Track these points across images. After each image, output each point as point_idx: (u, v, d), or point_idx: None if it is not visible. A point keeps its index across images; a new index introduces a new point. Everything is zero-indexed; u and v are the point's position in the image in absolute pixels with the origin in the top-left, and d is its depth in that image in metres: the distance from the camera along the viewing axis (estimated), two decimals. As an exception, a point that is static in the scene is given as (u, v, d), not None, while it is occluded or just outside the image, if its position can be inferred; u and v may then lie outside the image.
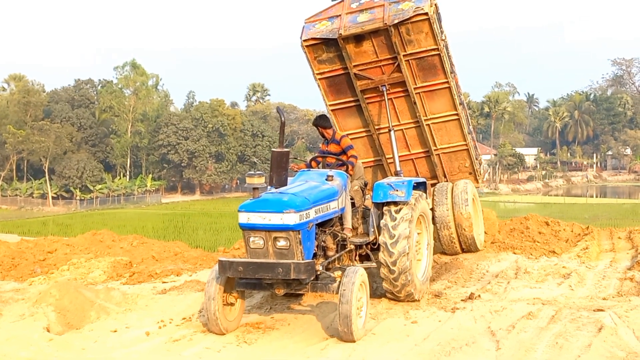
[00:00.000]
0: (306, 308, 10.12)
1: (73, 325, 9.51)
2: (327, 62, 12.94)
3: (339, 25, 12.45)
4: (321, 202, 9.08)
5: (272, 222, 8.32)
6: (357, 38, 12.50)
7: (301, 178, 9.87)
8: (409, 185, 10.13)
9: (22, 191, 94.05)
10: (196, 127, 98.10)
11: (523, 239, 15.07)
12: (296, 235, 8.39)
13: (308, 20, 12.92)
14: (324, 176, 9.79)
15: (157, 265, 13.99)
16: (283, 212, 8.30)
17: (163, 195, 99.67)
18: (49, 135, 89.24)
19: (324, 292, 8.86)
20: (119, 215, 69.77)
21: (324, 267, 8.98)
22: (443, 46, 12.58)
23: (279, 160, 8.83)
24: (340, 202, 9.71)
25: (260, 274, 8.39)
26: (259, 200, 8.48)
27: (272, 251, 8.47)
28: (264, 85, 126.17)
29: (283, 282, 8.64)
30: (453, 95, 13.08)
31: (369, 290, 8.95)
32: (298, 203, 8.48)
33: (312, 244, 8.81)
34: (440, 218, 13.20)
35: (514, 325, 8.88)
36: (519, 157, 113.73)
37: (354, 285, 8.35)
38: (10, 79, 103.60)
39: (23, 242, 17.17)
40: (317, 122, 11.16)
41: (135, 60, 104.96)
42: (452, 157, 14.03)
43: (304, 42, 12.76)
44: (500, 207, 70.52)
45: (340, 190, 9.73)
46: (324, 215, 9.18)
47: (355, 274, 8.51)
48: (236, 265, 8.45)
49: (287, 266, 8.25)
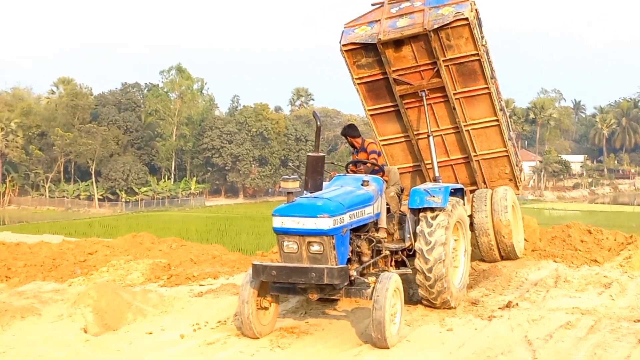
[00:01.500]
0: (341, 313, 10.07)
1: (110, 326, 9.59)
2: (366, 67, 12.83)
3: (379, 30, 12.33)
4: (356, 207, 9.01)
5: (306, 226, 8.29)
6: (397, 43, 12.38)
7: (336, 183, 9.81)
8: (446, 191, 10.01)
9: (69, 193, 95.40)
10: (240, 131, 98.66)
11: (564, 247, 14.84)
12: (330, 240, 8.34)
13: (347, 24, 12.82)
14: (359, 181, 9.71)
15: (195, 268, 14.04)
16: (317, 217, 8.26)
17: (207, 199, 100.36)
18: (96, 137, 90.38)
19: (358, 298, 8.80)
20: (163, 218, 70.45)
21: (358, 272, 8.90)
22: (483, 51, 12.43)
23: (315, 164, 8.86)
24: (375, 208, 9.64)
25: (293, 278, 8.36)
26: (293, 205, 8.47)
27: (306, 256, 8.43)
28: (308, 89, 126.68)
29: (316, 287, 8.58)
30: (493, 101, 12.90)
31: (403, 297, 8.85)
32: (332, 208, 8.43)
33: (346, 249, 8.75)
34: (479, 225, 13.03)
35: (551, 335, 8.75)
36: (564, 164, 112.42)
37: (387, 291, 8.28)
38: (59, 83, 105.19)
39: (64, 243, 17.38)
40: (346, 131, 11.14)
41: (180, 64, 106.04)
42: (492, 163, 13.84)
43: (343, 47, 12.66)
44: (545, 215, 69.84)
45: (375, 195, 9.66)
46: (359, 220, 9.11)
47: (389, 279, 8.44)
48: (270, 270, 8.42)
49: (320, 271, 8.20)
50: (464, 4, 12.05)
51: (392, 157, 13.92)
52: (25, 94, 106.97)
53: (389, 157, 13.89)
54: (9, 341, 8.73)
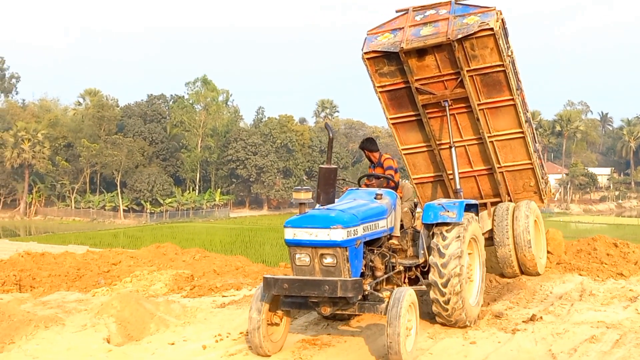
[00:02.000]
0: (363, 325, 10.01)
1: (133, 336, 9.62)
2: (388, 75, 12.60)
3: (402, 38, 12.10)
4: (370, 220, 8.81)
5: (319, 238, 8.08)
6: (420, 52, 12.16)
7: (349, 197, 9.64)
8: (461, 206, 9.73)
9: (94, 204, 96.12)
10: (265, 143, 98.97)
11: (590, 261, 14.67)
12: (343, 252, 8.12)
13: (370, 32, 12.60)
14: (372, 195, 9.55)
15: (218, 279, 14.07)
16: (330, 228, 8.04)
17: (231, 210, 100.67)
18: (122, 149, 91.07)
19: (372, 313, 8.52)
20: (187, 229, 70.69)
21: (372, 287, 8.67)
22: (509, 62, 12.20)
23: (327, 177, 8.65)
24: (389, 221, 9.43)
25: (305, 291, 8.12)
26: (306, 216, 8.27)
27: (319, 268, 8.20)
28: (332, 101, 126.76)
29: (329, 300, 8.31)
30: (518, 113, 12.65)
31: (418, 312, 8.62)
32: (346, 219, 8.22)
33: (359, 263, 8.52)
34: (500, 239, 12.83)
35: (576, 349, 8.67)
36: (591, 177, 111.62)
37: (402, 306, 8.03)
38: (85, 94, 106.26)
39: (89, 254, 17.47)
40: (364, 145, 10.96)
41: (206, 76, 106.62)
42: (516, 175, 13.58)
43: (365, 55, 12.43)
44: (571, 228, 69.27)
45: (389, 208, 9.47)
46: (373, 233, 8.89)
47: (404, 294, 8.20)
48: (281, 283, 8.20)
49: (333, 283, 7.95)
50: (490, 13, 11.84)
51: (414, 166, 13.73)
52: (52, 105, 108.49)
53: (411, 166, 13.73)
54: (33, 350, 8.78)
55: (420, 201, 13.95)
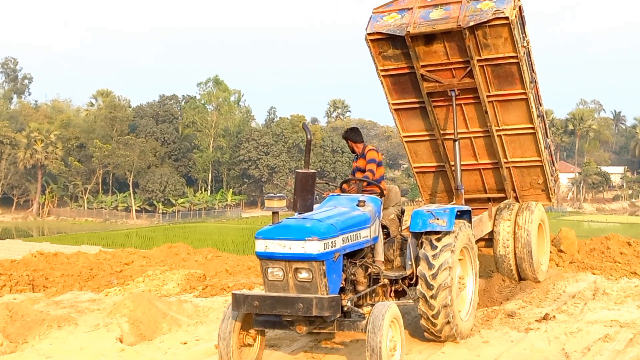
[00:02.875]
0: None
1: (145, 336, 9.65)
2: (392, 59, 11.79)
3: (409, 20, 11.25)
4: (350, 230, 8.02)
5: (293, 250, 7.34)
6: (428, 37, 11.33)
7: (329, 203, 8.79)
8: (452, 213, 8.96)
9: (107, 204, 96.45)
10: (277, 143, 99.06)
11: (603, 259, 14.64)
12: (320, 267, 7.38)
13: (376, 10, 11.66)
14: (355, 201, 8.71)
15: (230, 278, 14.09)
16: (305, 240, 7.31)
17: (243, 210, 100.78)
18: (134, 149, 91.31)
19: (352, 331, 7.75)
20: (199, 229, 70.85)
21: (352, 302, 7.96)
22: (524, 54, 11.36)
23: (304, 182, 7.72)
24: (372, 231, 8.57)
25: (278, 309, 7.37)
26: (279, 226, 7.55)
27: (293, 284, 7.46)
28: (344, 101, 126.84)
29: (305, 319, 7.56)
30: (530, 108, 11.88)
31: (402, 328, 7.82)
32: (322, 230, 7.49)
33: (338, 277, 7.77)
34: (500, 243, 12.25)
35: (589, 348, 8.62)
36: (604, 175, 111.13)
37: (383, 323, 7.25)
38: (98, 95, 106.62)
39: (101, 254, 17.55)
40: (348, 135, 10.03)
41: (218, 76, 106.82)
42: (524, 172, 12.85)
43: (369, 36, 11.53)
44: (584, 227, 69.07)
45: (372, 217, 8.61)
46: (353, 244, 8.09)
47: (385, 309, 7.41)
48: (251, 300, 7.43)
49: (308, 301, 7.21)
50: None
51: (415, 154, 13.03)
52: (65, 106, 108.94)
53: (413, 154, 13.04)
54: (46, 350, 8.80)
55: (420, 191, 13.59)
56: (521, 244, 12.24)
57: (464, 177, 12.21)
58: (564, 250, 14.73)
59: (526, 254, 12.24)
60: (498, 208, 12.55)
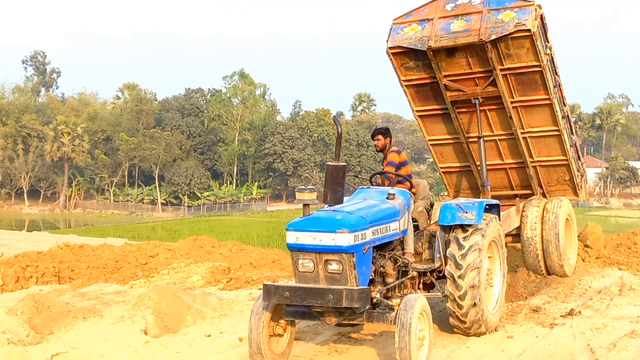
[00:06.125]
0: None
1: (170, 328, 9.71)
2: (414, 70, 11.83)
3: (430, 33, 11.27)
4: (380, 223, 8.14)
5: (323, 242, 7.47)
6: (449, 49, 11.35)
7: (359, 196, 8.93)
8: (480, 207, 8.98)
9: (133, 197, 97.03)
10: (302, 137, 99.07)
11: (630, 255, 14.50)
12: (350, 258, 7.51)
13: (396, 21, 11.64)
14: (384, 194, 8.82)
15: (254, 271, 14.13)
16: (335, 232, 7.44)
17: (268, 204, 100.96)
18: (160, 142, 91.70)
19: (381, 322, 7.87)
20: (224, 222, 71.14)
21: (382, 294, 8.05)
22: (547, 61, 11.34)
23: (335, 175, 7.86)
24: (402, 224, 8.71)
25: (308, 300, 7.50)
26: (309, 218, 7.69)
27: (323, 275, 7.60)
28: (370, 95, 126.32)
29: (334, 310, 7.69)
30: (555, 112, 11.85)
31: (431, 320, 7.98)
32: (353, 222, 7.62)
33: (368, 269, 7.90)
34: (527, 238, 12.21)
35: (615, 344, 8.54)
36: (632, 170, 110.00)
37: (412, 315, 7.40)
38: (124, 88, 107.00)
39: (127, 246, 17.66)
40: (379, 130, 10.24)
41: (243, 69, 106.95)
42: (550, 170, 12.83)
43: (390, 50, 11.56)
44: (611, 222, 68.56)
45: (402, 209, 8.74)
46: (383, 237, 8.22)
47: (414, 302, 7.54)
48: (282, 291, 7.58)
49: (338, 292, 7.35)
50: (528, 9, 10.94)
51: (441, 155, 13.09)
52: (91, 99, 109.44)
53: (438, 156, 13.11)
54: (72, 341, 8.88)
55: (447, 188, 13.67)
56: (548, 226, 12.16)
57: (490, 176, 12.23)
58: (590, 246, 14.60)
59: (553, 237, 12.14)
60: (525, 204, 12.50)
